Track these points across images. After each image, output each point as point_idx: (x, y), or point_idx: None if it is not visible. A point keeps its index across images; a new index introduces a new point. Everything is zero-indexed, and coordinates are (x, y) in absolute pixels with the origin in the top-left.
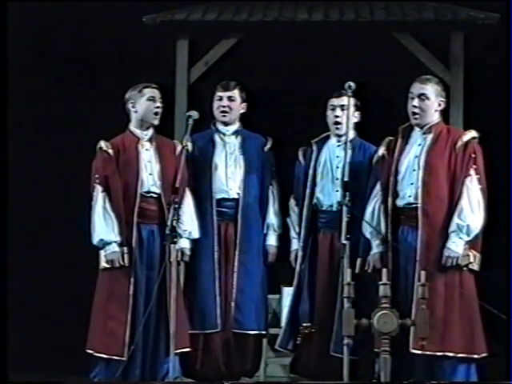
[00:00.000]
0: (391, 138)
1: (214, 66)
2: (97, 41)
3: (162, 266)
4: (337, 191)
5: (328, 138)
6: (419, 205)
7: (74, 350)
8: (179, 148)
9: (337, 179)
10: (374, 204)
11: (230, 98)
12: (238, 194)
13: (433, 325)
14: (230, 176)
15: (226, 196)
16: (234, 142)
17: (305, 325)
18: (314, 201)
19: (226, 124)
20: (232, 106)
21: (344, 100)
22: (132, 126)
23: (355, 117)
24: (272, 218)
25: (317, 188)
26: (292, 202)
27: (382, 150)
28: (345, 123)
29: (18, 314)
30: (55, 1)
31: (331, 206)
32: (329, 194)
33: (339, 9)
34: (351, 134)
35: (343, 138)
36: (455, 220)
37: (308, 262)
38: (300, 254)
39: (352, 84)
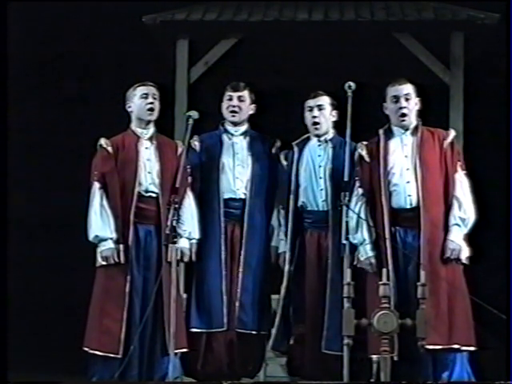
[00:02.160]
0: (365, 142)
1: (213, 66)
2: (97, 41)
3: (162, 267)
4: (321, 190)
5: (308, 139)
6: (421, 202)
7: (73, 350)
8: (181, 148)
9: (320, 178)
10: (358, 209)
11: (239, 98)
12: (245, 194)
13: (440, 319)
14: (237, 176)
15: (233, 196)
16: (242, 143)
17: (296, 325)
18: (300, 202)
19: (235, 124)
20: (242, 107)
21: (321, 100)
22: (133, 126)
23: (333, 116)
24: (276, 219)
25: (300, 189)
26: (279, 206)
27: (363, 153)
28: (322, 121)
29: (18, 314)
30: (55, 1)
31: (317, 205)
32: (313, 194)
33: (339, 9)
34: (331, 133)
35: (323, 138)
36: (457, 213)
37: (296, 262)
38: (287, 255)
39: (352, 84)
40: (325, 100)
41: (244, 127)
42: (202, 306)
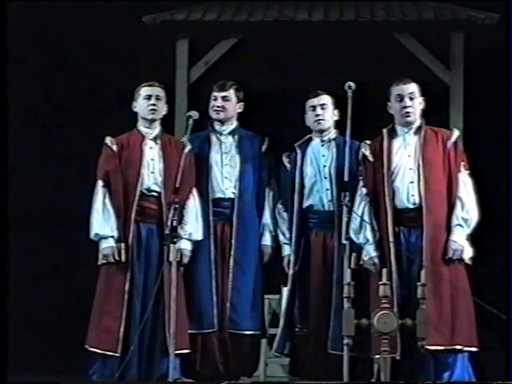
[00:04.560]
0: (368, 141)
1: (213, 66)
2: (97, 41)
3: (162, 266)
4: (327, 190)
5: (310, 139)
6: (423, 202)
7: (73, 349)
8: (187, 148)
9: (325, 178)
10: (362, 209)
11: (224, 98)
12: (234, 193)
13: (443, 320)
14: (225, 175)
15: (222, 196)
16: (231, 142)
17: (300, 326)
18: (306, 203)
19: (221, 123)
20: (226, 106)
21: (323, 99)
22: (139, 125)
23: (335, 115)
24: (268, 218)
25: (306, 190)
26: (280, 208)
27: (366, 153)
28: (326, 119)
29: (18, 314)
30: (55, 1)
31: (322, 205)
32: (319, 194)
33: (339, 9)
34: (333, 133)
35: (326, 138)
36: (459, 214)
37: (300, 263)
38: (292, 257)
39: (352, 84)
40: (327, 99)
41: (232, 126)
42: (193, 306)
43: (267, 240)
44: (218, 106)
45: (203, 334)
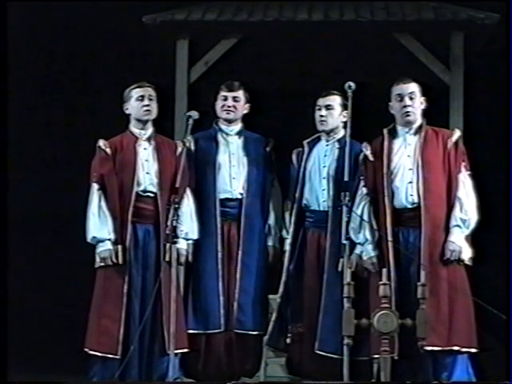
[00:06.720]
0: (370, 141)
1: (213, 66)
2: (97, 41)
3: (162, 266)
4: (323, 190)
5: (319, 138)
6: (422, 202)
7: (73, 350)
8: (180, 148)
9: (324, 178)
10: (361, 209)
11: (234, 99)
12: (241, 194)
13: (440, 321)
14: (233, 176)
15: (230, 196)
16: (237, 142)
17: (295, 324)
18: (303, 201)
19: (229, 123)
20: (237, 106)
21: (329, 100)
22: (131, 126)
23: (343, 116)
24: (272, 219)
25: (305, 188)
26: (288, 204)
27: (367, 153)
28: (329, 121)
29: (18, 314)
30: (55, 1)
31: (318, 205)
32: (316, 194)
33: (339, 9)
34: (341, 134)
35: (331, 138)
36: (458, 214)
37: (296, 261)
38: (288, 253)
39: (352, 84)
40: (334, 100)
41: (238, 126)
42: (199, 307)
43: (272, 241)
44: (229, 106)
45: (209, 334)
